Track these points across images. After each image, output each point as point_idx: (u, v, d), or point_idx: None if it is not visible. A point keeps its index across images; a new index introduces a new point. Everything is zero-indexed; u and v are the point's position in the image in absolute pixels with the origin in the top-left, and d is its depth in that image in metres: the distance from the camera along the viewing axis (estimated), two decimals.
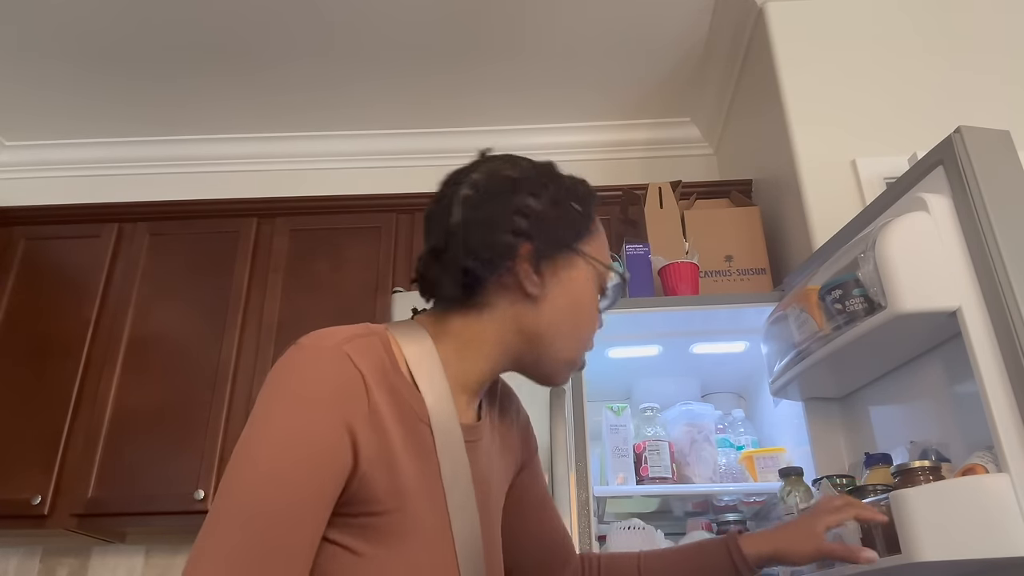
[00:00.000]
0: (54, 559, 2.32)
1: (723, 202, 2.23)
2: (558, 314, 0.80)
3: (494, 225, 0.77)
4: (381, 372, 0.70)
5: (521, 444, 0.94)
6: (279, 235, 2.36)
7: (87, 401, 2.14)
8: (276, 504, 0.61)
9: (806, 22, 2.15)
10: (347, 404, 0.66)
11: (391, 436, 0.68)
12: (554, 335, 0.80)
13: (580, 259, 0.81)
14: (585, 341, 0.83)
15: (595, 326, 0.84)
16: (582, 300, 0.82)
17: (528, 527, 0.95)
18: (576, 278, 0.81)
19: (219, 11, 2.35)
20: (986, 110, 1.98)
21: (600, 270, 0.82)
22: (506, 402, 0.93)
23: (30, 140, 2.93)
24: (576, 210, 0.82)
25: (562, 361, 0.82)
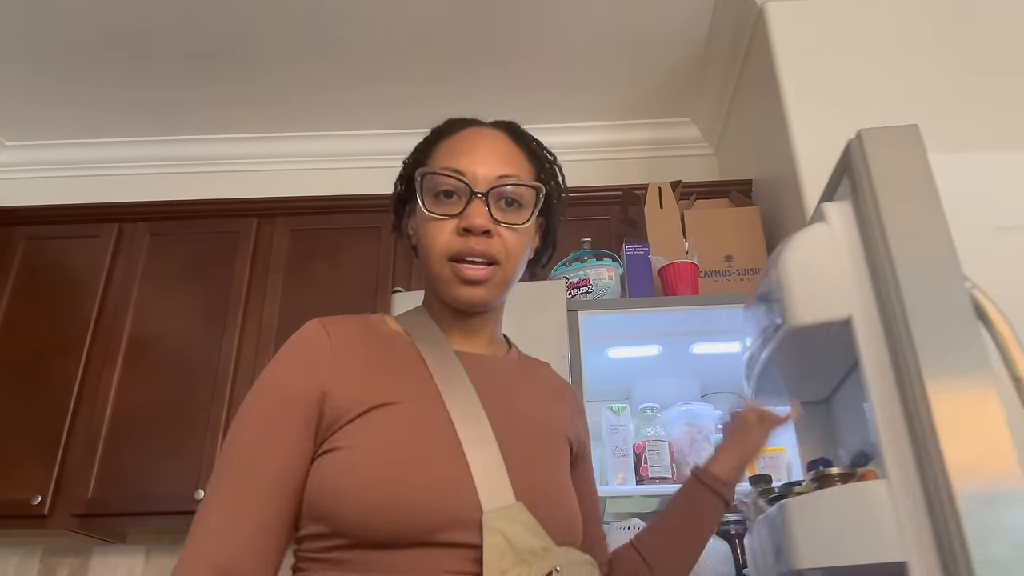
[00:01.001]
0: (54, 559, 2.32)
1: (723, 202, 2.23)
2: (419, 242, 0.87)
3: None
4: (356, 323, 0.86)
5: (571, 423, 0.93)
6: (279, 235, 2.36)
7: (87, 401, 2.14)
8: (243, 436, 0.75)
9: (806, 22, 2.14)
10: (308, 348, 0.81)
11: (362, 355, 0.81)
12: (422, 260, 0.87)
13: (414, 185, 0.86)
14: (436, 252, 0.83)
15: (438, 234, 0.83)
16: (420, 217, 0.85)
17: None
18: (417, 205, 0.86)
19: (219, 12, 2.35)
20: (986, 109, 1.98)
21: (416, 183, 0.85)
22: (536, 370, 0.97)
23: (30, 140, 2.93)
24: (421, 145, 0.91)
25: (434, 278, 0.85)
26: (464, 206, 0.81)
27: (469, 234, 0.81)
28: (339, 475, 0.71)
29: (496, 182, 0.83)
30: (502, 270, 0.83)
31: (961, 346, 0.94)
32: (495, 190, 0.83)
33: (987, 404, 0.88)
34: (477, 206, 0.81)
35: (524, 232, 0.85)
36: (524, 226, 0.84)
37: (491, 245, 0.82)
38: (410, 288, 2.18)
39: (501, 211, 0.83)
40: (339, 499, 0.69)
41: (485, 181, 0.83)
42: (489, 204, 0.82)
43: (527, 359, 0.97)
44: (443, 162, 0.85)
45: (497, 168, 0.84)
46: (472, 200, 0.81)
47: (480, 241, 0.81)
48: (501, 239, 0.82)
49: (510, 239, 0.83)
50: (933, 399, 0.89)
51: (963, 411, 0.87)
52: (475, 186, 0.82)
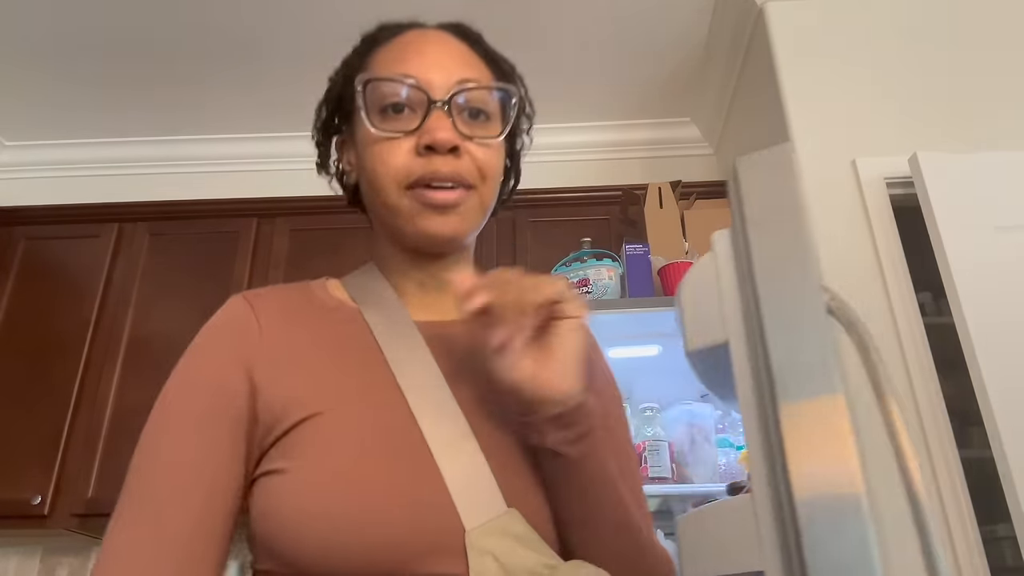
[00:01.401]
0: (54, 559, 2.32)
1: (723, 202, 2.23)
2: (364, 173, 0.70)
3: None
4: (291, 294, 0.71)
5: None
6: (279, 235, 2.36)
7: (87, 401, 2.14)
8: (159, 441, 0.64)
9: (806, 22, 2.14)
10: (231, 331, 0.67)
11: (298, 338, 0.66)
12: (370, 193, 0.71)
13: (353, 104, 0.70)
14: (391, 179, 0.66)
15: (391, 157, 0.66)
16: (363, 141, 0.69)
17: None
18: (358, 124, 0.70)
19: (219, 11, 2.35)
20: (986, 109, 1.98)
21: (358, 94, 0.68)
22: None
23: (30, 140, 2.93)
24: (350, 57, 0.76)
25: (389, 210, 0.68)
26: (421, 120, 0.66)
27: (432, 153, 0.65)
28: (284, 504, 0.57)
29: (456, 87, 0.67)
30: (477, 194, 0.68)
31: (814, 370, 0.96)
32: (457, 97, 0.67)
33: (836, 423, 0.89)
34: (438, 118, 0.65)
35: (497, 148, 0.70)
36: (497, 140, 0.69)
37: (459, 165, 0.66)
38: None
39: (467, 124, 0.67)
40: (289, 534, 0.56)
41: (443, 87, 0.67)
42: (452, 115, 0.66)
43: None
44: (388, 68, 0.69)
45: (455, 72, 0.68)
46: (431, 111, 0.66)
47: (446, 161, 0.65)
48: (471, 157, 0.67)
49: (482, 157, 0.67)
50: (784, 420, 0.92)
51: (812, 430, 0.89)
52: (432, 93, 0.66)
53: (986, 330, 1.60)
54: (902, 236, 1.84)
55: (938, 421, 1.65)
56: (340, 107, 0.75)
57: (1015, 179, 1.77)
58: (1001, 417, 1.52)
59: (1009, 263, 1.68)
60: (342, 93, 0.74)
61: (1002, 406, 1.53)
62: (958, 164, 1.79)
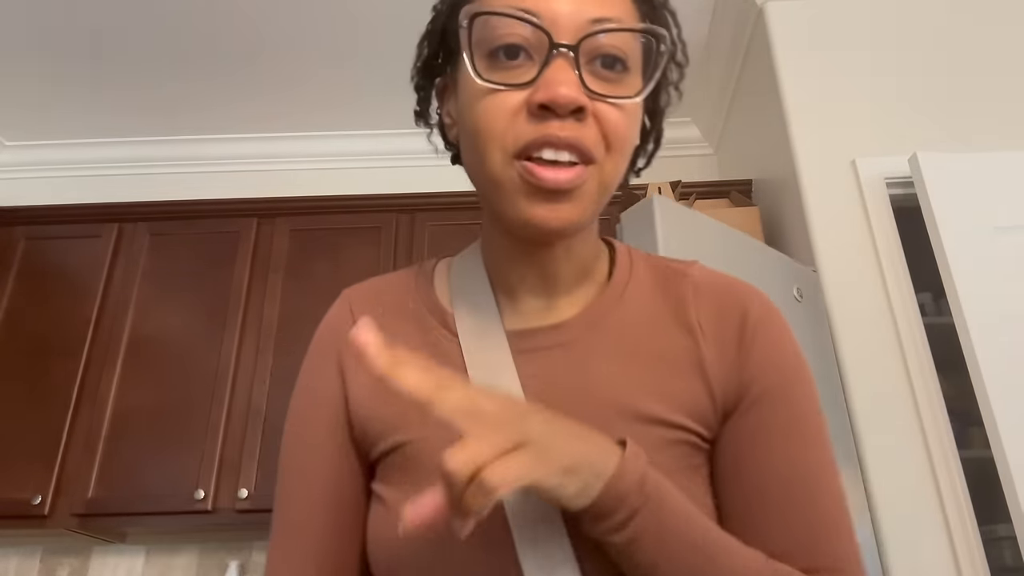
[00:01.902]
0: (54, 559, 2.32)
1: (723, 202, 2.23)
2: (464, 131, 0.57)
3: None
4: (389, 296, 0.64)
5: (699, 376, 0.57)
6: (279, 235, 2.36)
7: (87, 401, 2.14)
8: (283, 457, 0.62)
9: (806, 22, 2.14)
10: (331, 339, 0.64)
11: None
12: (470, 158, 0.58)
13: (455, 48, 0.57)
14: (494, 144, 0.53)
15: (496, 115, 0.52)
16: (466, 92, 0.55)
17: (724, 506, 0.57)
18: (462, 68, 0.56)
19: (219, 11, 2.35)
20: (985, 109, 1.98)
21: (461, 31, 0.54)
22: (654, 300, 0.61)
23: (30, 140, 2.93)
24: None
25: (490, 183, 0.55)
26: (539, 69, 0.51)
27: (548, 114, 0.51)
28: (379, 537, 0.56)
29: (589, 27, 0.52)
30: (599, 171, 0.53)
31: None
32: (588, 41, 0.52)
33: None
34: (561, 68, 0.51)
35: (634, 112, 0.55)
36: (635, 100, 0.54)
37: (582, 132, 0.51)
38: None
39: (597, 77, 0.53)
40: (382, 566, 0.56)
41: (571, 27, 0.52)
42: (579, 65, 0.52)
43: (641, 281, 0.62)
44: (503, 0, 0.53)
45: (589, 5, 0.53)
46: (552, 57, 0.51)
47: (566, 125, 0.51)
48: (598, 121, 0.52)
49: (613, 121, 0.53)
50: None
51: None
52: (556, 35, 0.51)
53: (986, 330, 1.60)
54: (902, 236, 1.84)
55: (938, 421, 1.65)
56: (444, 42, 0.61)
57: (1015, 179, 1.77)
58: (1001, 417, 1.52)
59: (1009, 263, 1.68)
60: (447, 25, 0.59)
61: (1002, 406, 1.53)
62: (958, 164, 1.79)
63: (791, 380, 0.58)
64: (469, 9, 0.54)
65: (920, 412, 1.66)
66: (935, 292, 1.92)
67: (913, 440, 1.64)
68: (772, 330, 0.59)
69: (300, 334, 2.23)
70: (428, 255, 2.60)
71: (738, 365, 0.57)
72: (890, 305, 1.77)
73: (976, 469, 1.63)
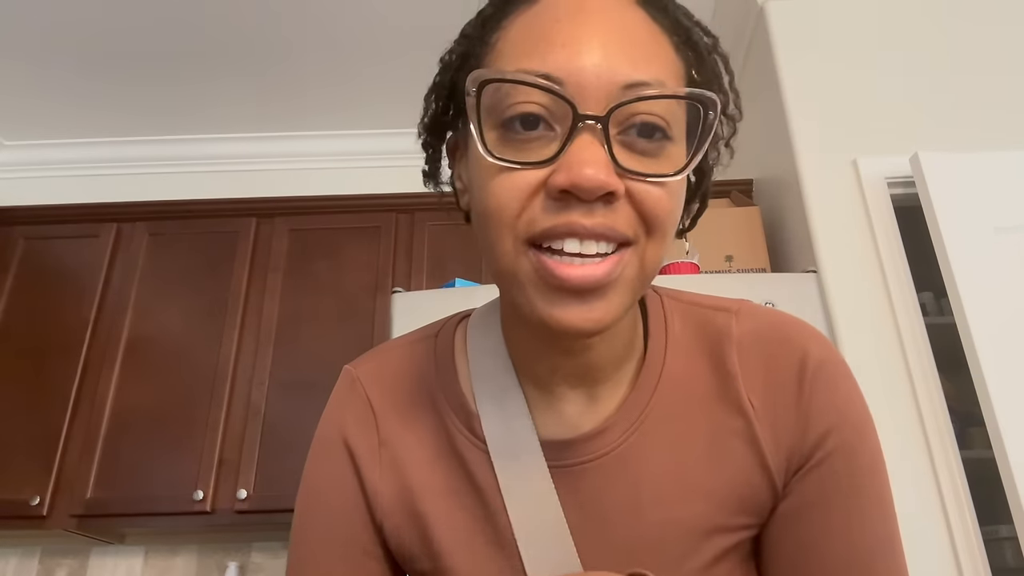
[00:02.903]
0: (53, 560, 2.32)
1: (723, 202, 2.22)
2: (475, 208, 0.49)
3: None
4: (407, 384, 0.57)
5: (779, 444, 0.52)
6: (278, 235, 2.36)
7: (86, 401, 2.14)
8: (299, 555, 0.57)
9: (807, 21, 2.14)
10: (350, 442, 0.56)
11: (417, 474, 0.54)
12: (481, 241, 0.49)
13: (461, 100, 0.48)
14: (506, 229, 0.45)
15: (510, 197, 0.44)
16: (477, 164, 0.47)
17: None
18: (471, 138, 0.47)
19: (219, 11, 2.35)
20: (986, 108, 1.97)
21: (468, 97, 0.45)
22: (690, 382, 0.54)
23: (30, 140, 2.92)
24: (474, 26, 0.52)
25: (502, 275, 0.47)
26: (562, 144, 0.43)
27: (571, 198, 0.43)
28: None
29: (622, 95, 0.44)
30: (638, 255, 0.46)
31: None
32: (621, 111, 0.44)
33: None
34: (587, 144, 0.43)
35: (678, 188, 0.47)
36: (679, 178, 0.46)
37: (613, 218, 0.44)
38: (410, 288, 2.18)
39: (633, 151, 0.45)
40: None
41: (602, 93, 0.44)
42: (610, 138, 0.43)
43: (680, 346, 0.55)
44: (519, 60, 0.45)
45: (623, 67, 0.44)
46: (577, 131, 0.43)
47: (593, 212, 0.43)
48: (634, 204, 0.44)
49: (653, 200, 0.45)
50: None
51: None
52: (582, 104, 0.43)
53: (988, 330, 1.59)
54: (903, 236, 1.84)
55: (939, 421, 1.65)
56: (454, 97, 0.53)
57: (1017, 179, 1.77)
58: (1003, 417, 1.52)
59: (1011, 263, 1.67)
60: (456, 79, 0.52)
61: (1004, 406, 1.53)
62: (960, 164, 1.78)
63: (853, 444, 0.52)
64: (477, 75, 0.45)
65: (921, 412, 1.65)
66: (936, 292, 1.92)
67: (914, 440, 1.64)
68: (830, 385, 0.53)
69: (299, 334, 2.24)
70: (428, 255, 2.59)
71: (797, 433, 0.52)
72: (891, 305, 1.76)
73: (977, 469, 1.62)
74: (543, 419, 0.54)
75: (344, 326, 2.17)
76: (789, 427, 0.52)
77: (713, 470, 0.51)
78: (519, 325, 0.53)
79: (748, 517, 0.52)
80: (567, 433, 0.52)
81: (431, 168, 0.58)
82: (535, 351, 0.53)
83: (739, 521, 0.51)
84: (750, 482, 0.51)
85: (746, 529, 0.52)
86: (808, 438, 0.51)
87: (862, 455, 0.52)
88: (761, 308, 0.57)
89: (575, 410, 0.53)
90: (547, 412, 0.54)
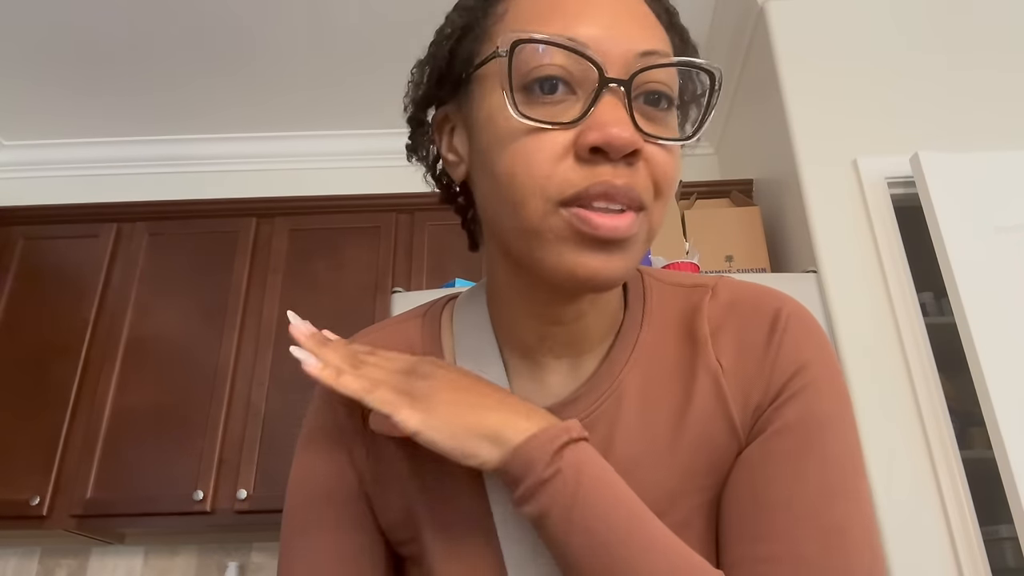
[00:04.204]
0: (53, 560, 2.32)
1: (723, 202, 2.22)
2: (486, 173, 0.50)
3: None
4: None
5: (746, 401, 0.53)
6: (278, 235, 2.36)
7: (86, 401, 2.14)
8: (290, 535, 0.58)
9: (807, 21, 2.14)
10: (338, 419, 0.58)
11: (400, 450, 0.55)
12: (496, 204, 0.50)
13: (479, 72, 0.50)
14: (539, 190, 0.46)
15: (540, 158, 0.46)
16: (495, 130, 0.48)
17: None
18: (484, 103, 0.49)
19: (218, 11, 2.35)
20: (986, 108, 1.97)
21: (497, 60, 0.47)
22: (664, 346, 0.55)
23: (29, 140, 2.92)
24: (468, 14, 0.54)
25: (526, 233, 0.48)
26: (586, 106, 0.46)
27: (600, 158, 0.45)
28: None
29: (639, 61, 0.47)
30: (648, 219, 0.49)
31: None
32: (639, 77, 0.47)
33: None
34: (612, 105, 0.45)
35: (679, 153, 0.51)
36: (690, 142, 0.50)
37: (636, 179, 0.46)
38: (410, 288, 2.18)
39: (644, 116, 0.47)
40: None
41: (622, 60, 0.46)
42: (630, 103, 0.46)
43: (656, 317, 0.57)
44: (538, 26, 0.47)
45: (638, 37, 0.48)
46: (601, 94, 0.45)
47: (620, 171, 0.46)
48: (647, 165, 0.47)
49: (661, 164, 0.47)
50: None
51: None
52: (607, 67, 0.46)
53: (988, 330, 1.59)
54: (903, 236, 1.84)
55: (939, 421, 1.65)
56: (450, 69, 0.53)
57: (1017, 179, 1.77)
58: (1003, 417, 1.52)
59: (1011, 262, 1.67)
60: (455, 49, 0.53)
61: (1004, 406, 1.53)
62: (960, 164, 1.78)
63: (814, 390, 0.52)
64: (509, 36, 0.46)
65: (921, 412, 1.65)
66: (936, 292, 1.92)
67: (914, 440, 1.64)
68: (798, 335, 0.54)
69: None
70: (428, 255, 2.59)
71: (763, 383, 0.52)
72: (891, 305, 1.76)
73: (977, 469, 1.62)
74: (524, 389, 0.56)
75: (344, 326, 2.15)
76: (757, 380, 0.53)
77: (682, 434, 0.53)
78: (511, 294, 0.55)
79: (714, 477, 0.53)
80: (545, 401, 0.54)
81: (415, 142, 0.59)
82: (524, 321, 0.55)
83: (705, 482, 0.53)
84: (717, 443, 0.52)
85: (712, 489, 0.53)
86: (773, 384, 0.52)
87: (825, 401, 0.52)
88: (738, 281, 0.58)
89: (557, 380, 0.56)
90: (529, 382, 0.56)
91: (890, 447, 1.63)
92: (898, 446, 1.63)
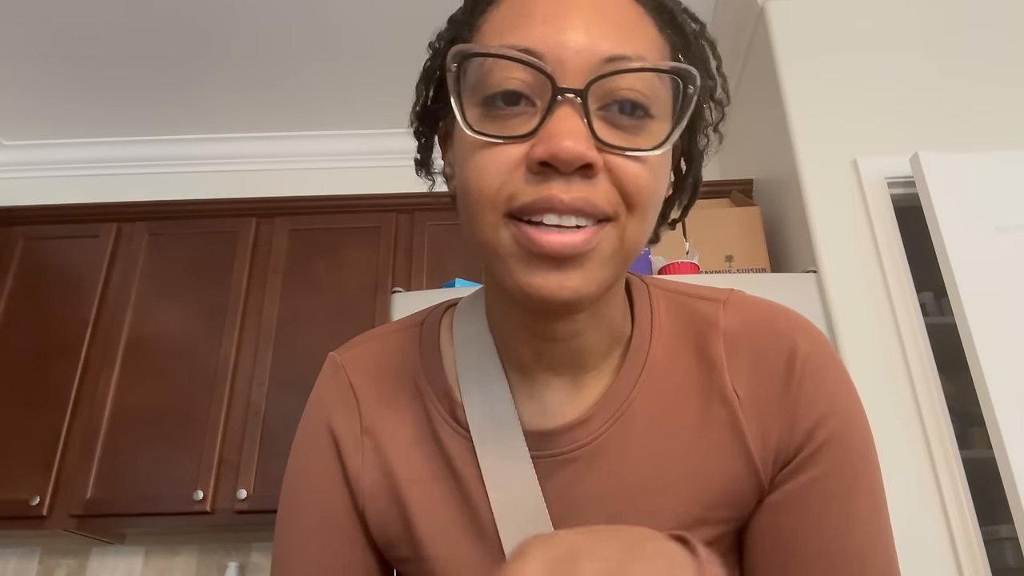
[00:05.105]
0: (53, 560, 2.32)
1: (723, 202, 2.22)
2: (459, 187, 0.49)
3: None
4: (391, 371, 0.57)
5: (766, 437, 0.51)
6: (278, 235, 2.36)
7: (86, 401, 2.14)
8: (283, 541, 0.57)
9: (807, 22, 2.14)
10: (333, 428, 0.56)
11: (398, 461, 0.54)
12: (462, 218, 0.49)
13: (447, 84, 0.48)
14: (485, 204, 0.45)
15: (490, 172, 0.45)
16: (460, 143, 0.48)
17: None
18: (455, 123, 0.48)
19: (219, 11, 2.35)
20: (986, 108, 1.97)
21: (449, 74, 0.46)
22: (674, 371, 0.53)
23: (29, 140, 2.92)
24: (464, 10, 0.53)
25: (481, 247, 0.47)
26: (542, 118, 0.44)
27: (551, 171, 0.43)
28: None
29: (601, 68, 0.44)
30: (617, 229, 0.46)
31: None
32: (600, 84, 0.44)
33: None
34: (566, 117, 0.43)
35: (659, 164, 0.47)
36: (658, 152, 0.46)
37: (591, 192, 0.44)
38: (410, 288, 2.18)
39: (613, 126, 0.45)
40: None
41: (582, 68, 0.44)
42: (589, 111, 0.44)
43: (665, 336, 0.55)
44: (502, 36, 0.46)
45: (604, 41, 0.45)
46: (556, 105, 0.43)
47: (572, 186, 0.43)
48: (612, 176, 0.45)
49: (632, 175, 0.45)
50: None
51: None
52: (561, 77, 0.44)
53: (988, 330, 1.59)
54: (903, 236, 1.84)
55: (940, 421, 1.65)
56: (442, 84, 0.52)
57: (1017, 178, 1.77)
58: (1003, 417, 1.52)
59: (1011, 262, 1.67)
60: (442, 62, 0.52)
61: (1004, 406, 1.53)
62: (960, 164, 1.78)
63: (843, 436, 0.51)
64: (459, 50, 0.45)
65: (921, 412, 1.65)
66: (936, 292, 1.92)
67: (914, 440, 1.64)
68: (818, 378, 0.52)
69: (299, 334, 2.24)
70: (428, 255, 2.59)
71: (784, 426, 0.51)
72: (891, 305, 1.76)
73: (978, 469, 1.62)
74: (526, 407, 0.54)
75: (344, 326, 2.16)
76: (777, 420, 0.51)
77: (695, 461, 0.51)
78: (504, 309, 0.53)
79: (731, 510, 0.51)
80: (549, 423, 0.52)
81: (423, 157, 0.58)
82: (520, 337, 0.53)
83: (722, 514, 0.51)
84: (734, 474, 0.51)
85: (729, 522, 0.52)
86: (796, 432, 0.51)
87: (852, 449, 0.51)
88: (751, 298, 0.56)
89: (558, 398, 0.53)
90: (530, 400, 0.54)
91: (890, 447, 1.63)
92: (898, 446, 1.63)
